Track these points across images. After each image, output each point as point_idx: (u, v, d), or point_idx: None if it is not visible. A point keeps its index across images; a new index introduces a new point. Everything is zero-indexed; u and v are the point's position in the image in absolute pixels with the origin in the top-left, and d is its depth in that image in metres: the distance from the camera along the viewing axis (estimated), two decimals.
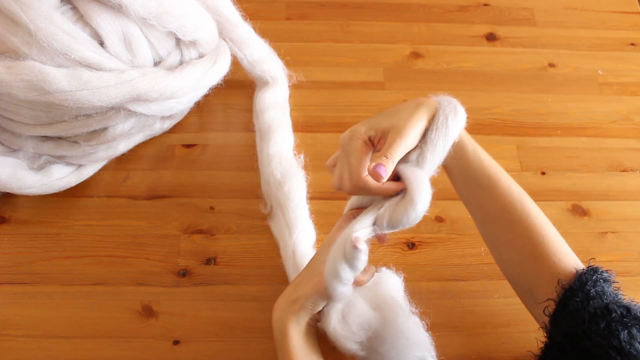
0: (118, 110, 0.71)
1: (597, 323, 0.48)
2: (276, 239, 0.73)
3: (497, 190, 0.58)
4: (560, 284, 0.54)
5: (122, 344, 0.67)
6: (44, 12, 0.63)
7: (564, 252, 0.56)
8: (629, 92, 0.92)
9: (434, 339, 0.68)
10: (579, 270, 0.54)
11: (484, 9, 1.01)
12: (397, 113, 0.56)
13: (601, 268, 0.55)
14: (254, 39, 0.84)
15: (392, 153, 0.53)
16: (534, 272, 0.57)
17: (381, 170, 0.51)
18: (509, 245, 0.59)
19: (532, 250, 0.56)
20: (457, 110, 0.58)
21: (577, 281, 0.53)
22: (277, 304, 0.59)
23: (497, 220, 0.59)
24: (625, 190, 0.82)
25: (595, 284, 0.53)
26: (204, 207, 0.77)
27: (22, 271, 0.71)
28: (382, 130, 0.55)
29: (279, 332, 0.57)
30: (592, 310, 0.49)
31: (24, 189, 0.72)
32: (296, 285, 0.59)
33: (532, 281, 0.57)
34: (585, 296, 0.52)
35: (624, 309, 0.49)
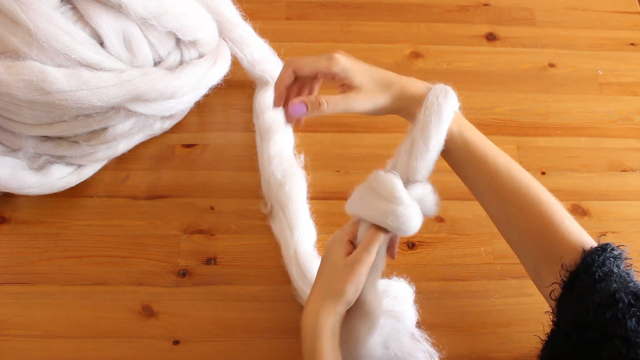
0: (118, 110, 0.71)
1: (604, 312, 0.46)
2: (277, 239, 0.73)
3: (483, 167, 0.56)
4: (564, 267, 0.51)
5: (122, 344, 0.67)
6: (44, 12, 0.63)
7: (565, 227, 0.53)
8: (629, 92, 0.92)
9: (434, 339, 0.68)
10: (585, 251, 0.51)
11: (484, 9, 1.01)
12: (376, 81, 0.57)
13: (612, 245, 0.52)
14: (254, 39, 0.84)
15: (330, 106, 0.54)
16: (535, 249, 0.55)
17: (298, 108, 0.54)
18: (506, 224, 0.57)
19: (529, 227, 0.54)
20: (448, 91, 0.57)
21: (582, 263, 0.50)
22: (310, 308, 0.55)
23: (489, 199, 0.57)
24: (625, 190, 0.82)
25: (603, 264, 0.50)
26: (204, 207, 0.77)
27: (22, 271, 0.71)
28: (351, 82, 0.56)
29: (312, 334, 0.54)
30: (598, 299, 0.47)
31: (24, 189, 0.72)
32: (325, 286, 0.56)
33: (535, 258, 0.55)
34: (591, 279, 0.49)
35: (632, 296, 0.46)
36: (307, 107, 0.54)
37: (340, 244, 0.57)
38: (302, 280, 0.68)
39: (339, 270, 0.55)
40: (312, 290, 0.57)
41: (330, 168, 0.81)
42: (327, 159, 0.81)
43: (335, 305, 0.54)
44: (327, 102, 0.54)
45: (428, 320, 0.69)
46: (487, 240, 0.76)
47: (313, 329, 0.54)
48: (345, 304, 0.55)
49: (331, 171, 0.81)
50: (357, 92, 0.55)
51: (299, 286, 0.68)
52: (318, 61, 0.56)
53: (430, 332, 0.68)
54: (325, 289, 0.55)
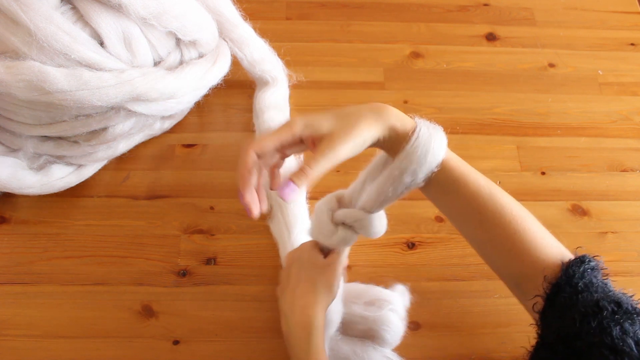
0: (118, 110, 0.71)
1: (589, 322, 0.47)
2: (275, 239, 0.73)
3: (464, 190, 0.55)
4: (546, 279, 0.52)
5: (122, 344, 0.67)
6: (44, 12, 0.63)
7: (545, 244, 0.54)
8: (629, 92, 0.92)
9: (435, 339, 0.68)
10: (565, 263, 0.52)
11: (484, 9, 1.01)
12: (344, 117, 0.52)
13: (589, 256, 0.53)
14: (254, 39, 0.84)
15: (314, 168, 0.50)
16: (518, 268, 0.55)
17: (289, 191, 0.49)
18: (488, 244, 0.56)
19: (512, 246, 0.54)
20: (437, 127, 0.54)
21: (564, 275, 0.51)
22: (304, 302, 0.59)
23: (471, 222, 0.56)
24: (625, 190, 0.82)
25: (583, 275, 0.51)
26: (204, 207, 0.77)
27: (22, 271, 0.71)
28: (320, 133, 0.51)
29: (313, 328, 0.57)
30: (583, 309, 0.48)
31: (24, 189, 0.72)
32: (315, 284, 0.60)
33: (518, 277, 0.55)
34: (573, 290, 0.50)
35: (614, 304, 0.47)
36: (296, 184, 0.49)
37: (314, 250, 0.62)
38: None
39: (324, 270, 0.60)
40: (300, 286, 0.60)
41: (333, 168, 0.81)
42: None
43: (328, 300, 0.60)
44: (308, 166, 0.50)
45: (428, 320, 0.70)
46: None
47: (309, 325, 0.57)
48: (332, 298, 0.60)
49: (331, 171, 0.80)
50: (330, 138, 0.51)
51: None
52: (278, 133, 0.52)
53: (430, 332, 0.68)
54: (315, 287, 0.59)
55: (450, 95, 0.90)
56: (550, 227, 0.56)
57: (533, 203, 0.79)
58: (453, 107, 0.88)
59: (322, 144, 0.51)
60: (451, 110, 0.88)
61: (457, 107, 0.89)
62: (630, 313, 0.47)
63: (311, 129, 0.52)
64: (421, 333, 0.69)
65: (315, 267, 0.61)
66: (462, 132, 0.86)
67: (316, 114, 0.53)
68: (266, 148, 0.52)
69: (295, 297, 0.60)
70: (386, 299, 0.63)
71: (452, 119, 0.87)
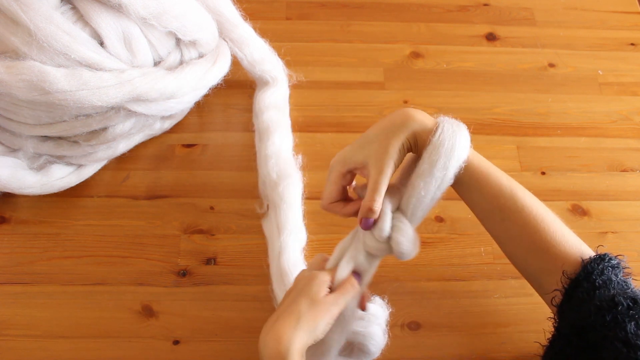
0: (118, 110, 0.71)
1: (603, 315, 0.48)
2: (267, 239, 0.73)
3: (487, 189, 0.57)
4: (565, 274, 0.53)
5: (122, 344, 0.67)
6: (44, 12, 0.63)
7: (566, 241, 0.55)
8: (629, 92, 0.92)
9: (435, 339, 0.68)
10: (585, 259, 0.53)
11: (484, 9, 1.01)
12: (373, 140, 0.56)
13: (610, 255, 0.54)
14: (254, 39, 0.84)
15: (376, 199, 0.54)
16: (538, 264, 0.56)
17: (369, 223, 0.55)
18: (510, 241, 0.58)
19: (532, 244, 0.56)
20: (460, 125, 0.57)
21: (583, 271, 0.52)
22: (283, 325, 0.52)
23: (493, 219, 0.58)
24: (625, 190, 0.82)
25: (602, 272, 0.52)
26: (204, 207, 0.77)
27: (22, 271, 0.71)
28: (359, 163, 0.57)
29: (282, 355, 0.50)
30: (598, 303, 0.49)
31: (24, 189, 0.72)
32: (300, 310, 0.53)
33: (538, 272, 0.57)
34: (591, 286, 0.51)
35: (630, 300, 0.48)
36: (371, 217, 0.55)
37: (322, 284, 0.55)
38: (278, 283, 0.67)
39: (316, 306, 0.53)
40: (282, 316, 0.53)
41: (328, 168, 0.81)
42: (327, 159, 0.80)
43: (306, 339, 0.52)
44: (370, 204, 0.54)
45: (428, 320, 0.70)
46: (487, 240, 0.75)
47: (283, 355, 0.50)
48: (313, 339, 0.52)
49: None
50: (373, 166, 0.55)
51: (275, 290, 0.68)
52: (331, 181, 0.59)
53: (430, 332, 0.68)
54: (300, 319, 0.52)
55: (450, 95, 0.90)
56: None
57: None
58: (453, 107, 0.88)
59: (371, 170, 0.55)
60: (451, 110, 0.88)
61: (457, 107, 0.89)
62: None
63: (349, 164, 0.57)
64: (421, 333, 0.69)
65: (309, 299, 0.53)
66: None
67: (347, 148, 0.58)
68: (332, 196, 0.59)
69: (273, 327, 0.52)
70: (374, 314, 0.62)
71: None
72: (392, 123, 0.57)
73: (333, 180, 0.59)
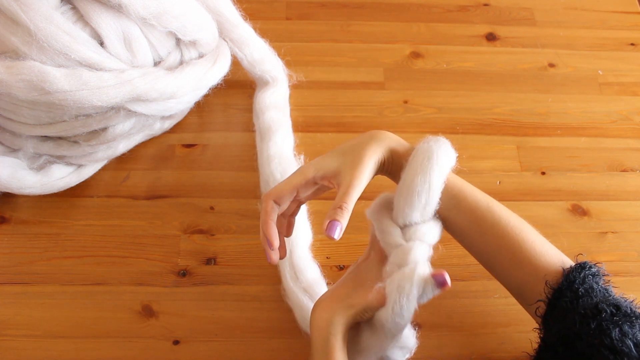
0: (118, 110, 0.71)
1: (588, 324, 0.48)
2: None
3: (464, 204, 0.57)
4: (548, 284, 0.53)
5: (122, 344, 0.67)
6: (44, 12, 0.63)
7: (545, 252, 0.55)
8: (629, 92, 0.92)
9: (435, 339, 0.68)
10: (566, 269, 0.54)
11: (484, 9, 1.01)
12: (348, 152, 0.57)
13: (590, 263, 0.54)
14: (254, 39, 0.84)
15: (347, 201, 0.53)
16: (519, 277, 0.56)
17: (335, 229, 0.53)
18: (490, 255, 0.58)
19: (512, 255, 0.56)
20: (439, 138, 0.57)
21: (565, 280, 0.52)
22: (326, 304, 0.56)
23: (471, 235, 0.58)
24: (625, 190, 0.82)
25: (583, 281, 0.52)
26: (204, 207, 0.77)
27: (22, 271, 0.71)
28: (332, 171, 0.56)
29: (327, 332, 0.54)
30: (582, 311, 0.49)
31: (24, 189, 0.72)
32: (348, 291, 0.56)
33: (521, 285, 0.57)
34: (574, 295, 0.51)
35: (613, 307, 0.49)
36: (339, 221, 0.53)
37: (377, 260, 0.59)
38: (294, 281, 0.68)
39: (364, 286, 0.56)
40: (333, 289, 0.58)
41: None
42: None
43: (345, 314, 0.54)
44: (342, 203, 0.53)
45: (428, 320, 0.69)
46: None
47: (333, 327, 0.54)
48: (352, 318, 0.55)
49: None
50: (348, 173, 0.55)
51: (290, 287, 0.68)
52: (291, 179, 0.58)
53: (430, 332, 0.68)
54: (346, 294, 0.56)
55: (450, 95, 0.90)
56: (550, 227, 0.57)
57: (533, 203, 0.79)
58: (453, 107, 0.88)
59: (343, 178, 0.55)
60: (451, 110, 0.88)
61: (457, 107, 0.89)
62: (629, 316, 0.48)
63: (322, 170, 0.57)
64: (421, 333, 0.69)
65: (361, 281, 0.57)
66: (462, 132, 0.86)
67: (322, 156, 0.58)
68: (283, 193, 0.58)
69: (320, 301, 0.57)
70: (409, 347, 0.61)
71: (452, 119, 0.87)
72: (370, 137, 0.58)
73: (294, 180, 0.58)
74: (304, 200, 0.62)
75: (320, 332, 0.55)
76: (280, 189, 0.58)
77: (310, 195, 0.61)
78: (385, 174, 0.60)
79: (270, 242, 0.57)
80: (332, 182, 0.57)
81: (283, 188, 0.58)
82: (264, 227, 0.58)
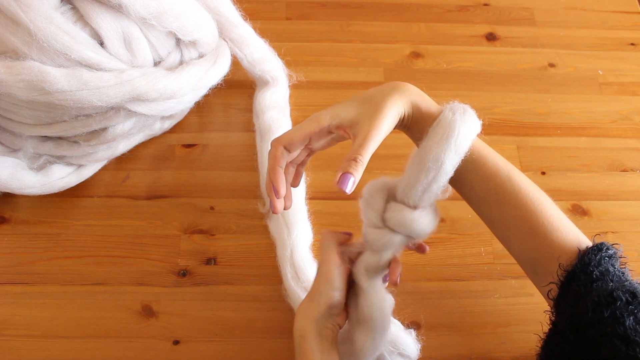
0: (118, 110, 0.71)
1: (602, 312, 0.46)
2: (273, 239, 0.73)
3: (483, 170, 0.55)
4: (561, 267, 0.51)
5: (122, 344, 0.67)
6: (44, 12, 0.63)
7: (562, 228, 0.53)
8: (629, 92, 0.92)
9: (435, 339, 0.68)
10: (582, 250, 0.51)
11: (484, 9, 1.01)
12: (367, 101, 0.53)
13: (607, 244, 0.52)
14: (254, 39, 0.84)
15: (363, 154, 0.50)
16: (534, 250, 0.54)
17: (348, 182, 0.50)
18: (505, 225, 0.56)
19: (529, 228, 0.54)
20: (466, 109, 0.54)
21: (580, 263, 0.50)
22: (299, 310, 0.55)
23: (488, 202, 0.56)
24: (625, 190, 0.82)
25: (599, 263, 0.50)
26: (204, 207, 0.77)
27: (22, 271, 0.71)
28: (349, 120, 0.53)
29: (298, 337, 0.53)
30: (596, 298, 0.47)
31: (24, 189, 0.72)
32: (313, 291, 0.55)
33: (534, 260, 0.55)
34: (588, 278, 0.49)
35: (629, 294, 0.47)
36: (352, 174, 0.50)
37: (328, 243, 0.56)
38: (295, 281, 0.68)
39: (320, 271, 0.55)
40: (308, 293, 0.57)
41: (330, 168, 0.81)
42: (327, 159, 0.81)
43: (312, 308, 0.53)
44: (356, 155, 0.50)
45: (428, 320, 0.70)
46: (487, 240, 0.76)
47: (300, 331, 0.53)
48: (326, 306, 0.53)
49: (331, 171, 0.81)
50: (366, 122, 0.52)
51: (291, 287, 0.68)
52: (305, 126, 0.54)
53: (430, 332, 0.68)
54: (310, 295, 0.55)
55: (450, 95, 0.89)
56: None
57: None
58: None
59: (360, 129, 0.52)
60: None
61: None
62: None
63: (339, 118, 0.53)
64: (421, 333, 0.69)
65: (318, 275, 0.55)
66: None
67: (340, 103, 0.54)
68: (295, 139, 0.53)
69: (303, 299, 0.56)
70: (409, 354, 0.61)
71: None
72: (392, 87, 0.55)
73: (307, 127, 0.53)
74: (315, 150, 0.58)
75: (295, 337, 0.54)
76: (292, 135, 0.53)
77: (325, 144, 0.58)
78: (404, 129, 0.57)
79: (277, 189, 0.53)
80: (347, 132, 0.54)
81: (295, 134, 0.53)
82: (271, 173, 0.53)
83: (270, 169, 0.54)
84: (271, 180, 0.54)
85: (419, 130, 0.56)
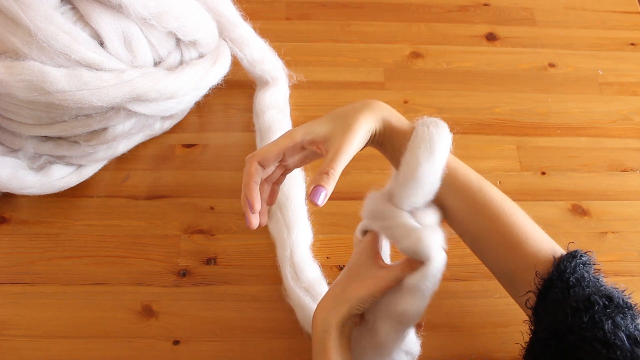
0: (118, 110, 0.71)
1: (581, 316, 0.47)
2: (273, 239, 0.73)
3: (455, 183, 0.56)
4: (538, 275, 0.52)
5: (122, 344, 0.67)
6: (44, 12, 0.63)
7: (536, 238, 0.54)
8: (629, 92, 0.92)
9: (435, 339, 0.68)
10: (557, 258, 0.52)
11: (484, 9, 1.01)
12: (339, 117, 0.55)
13: (580, 251, 0.53)
14: (254, 39, 0.84)
15: (335, 167, 0.52)
16: (509, 260, 0.55)
17: (320, 195, 0.51)
18: (479, 237, 0.57)
19: (502, 239, 0.54)
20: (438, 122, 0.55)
21: (556, 270, 0.51)
22: (322, 305, 0.56)
23: (461, 215, 0.57)
24: (625, 190, 0.82)
25: (574, 270, 0.51)
26: (204, 207, 0.77)
27: (22, 271, 0.71)
28: (321, 136, 0.54)
29: (322, 331, 0.54)
30: (574, 304, 0.48)
31: (24, 189, 0.72)
32: (342, 288, 0.56)
33: (510, 271, 0.56)
34: (565, 285, 0.50)
35: (606, 298, 0.48)
36: (324, 187, 0.51)
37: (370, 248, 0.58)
38: (295, 281, 0.68)
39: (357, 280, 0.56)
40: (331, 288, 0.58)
41: None
42: None
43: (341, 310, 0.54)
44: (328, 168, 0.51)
45: (428, 320, 0.69)
46: None
47: (324, 325, 0.54)
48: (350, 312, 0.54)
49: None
50: (339, 137, 0.53)
51: (291, 287, 0.68)
52: (279, 142, 0.55)
53: (430, 332, 0.68)
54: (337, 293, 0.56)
55: (450, 95, 0.90)
56: (550, 227, 0.56)
57: (533, 203, 0.79)
58: (453, 107, 0.88)
59: (332, 144, 0.53)
60: (451, 110, 0.88)
61: (457, 107, 0.89)
62: (621, 307, 0.47)
63: (312, 134, 0.55)
64: (421, 333, 0.69)
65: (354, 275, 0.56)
66: (462, 132, 0.86)
67: (313, 120, 0.56)
68: (269, 155, 0.55)
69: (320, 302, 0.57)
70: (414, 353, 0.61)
71: (452, 119, 0.87)
72: (363, 104, 0.56)
73: (281, 142, 0.55)
74: (290, 167, 0.59)
75: (316, 332, 0.55)
76: (267, 151, 0.55)
77: (298, 162, 0.59)
78: (376, 145, 0.58)
79: (252, 204, 0.54)
80: (320, 147, 0.55)
81: (269, 150, 0.55)
82: (245, 189, 0.55)
83: (245, 185, 0.55)
84: (246, 195, 0.55)
85: (391, 147, 0.57)
